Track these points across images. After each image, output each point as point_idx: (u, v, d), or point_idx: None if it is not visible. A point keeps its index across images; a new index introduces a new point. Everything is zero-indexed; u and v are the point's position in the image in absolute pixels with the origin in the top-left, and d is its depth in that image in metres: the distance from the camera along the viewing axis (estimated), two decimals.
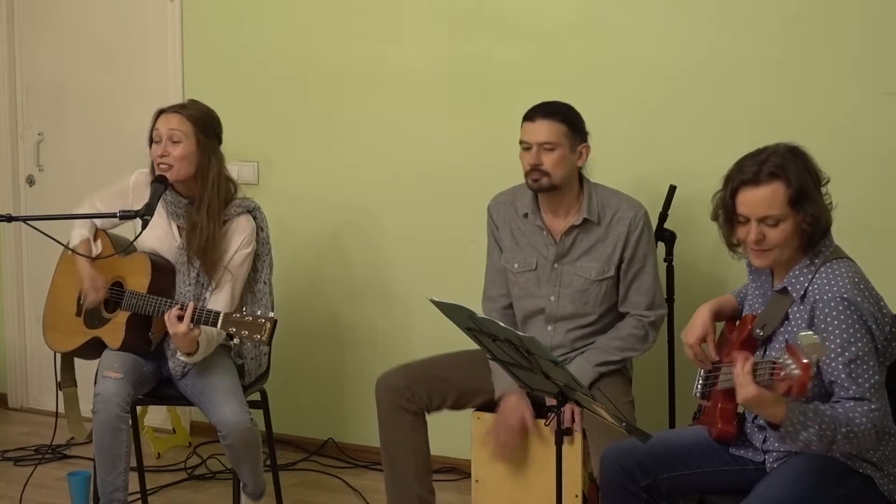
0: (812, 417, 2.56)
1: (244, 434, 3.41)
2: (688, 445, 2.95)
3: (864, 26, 3.70)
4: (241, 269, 3.58)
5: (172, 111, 3.54)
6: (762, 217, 2.72)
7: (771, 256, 2.77)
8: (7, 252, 5.28)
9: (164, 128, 3.50)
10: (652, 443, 2.84)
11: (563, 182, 3.45)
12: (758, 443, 2.89)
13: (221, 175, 3.56)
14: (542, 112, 3.44)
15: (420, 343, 4.27)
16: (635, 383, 3.61)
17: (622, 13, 4.03)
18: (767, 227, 2.73)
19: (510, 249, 3.60)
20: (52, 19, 5.10)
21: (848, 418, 2.59)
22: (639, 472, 2.90)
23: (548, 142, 3.41)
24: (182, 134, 3.49)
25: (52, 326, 3.74)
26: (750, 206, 2.74)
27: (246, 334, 3.28)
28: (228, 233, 3.56)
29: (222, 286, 3.54)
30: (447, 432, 3.95)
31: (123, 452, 3.41)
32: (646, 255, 3.47)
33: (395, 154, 4.47)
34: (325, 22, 4.55)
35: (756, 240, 2.74)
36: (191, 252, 3.51)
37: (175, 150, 3.49)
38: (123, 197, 3.59)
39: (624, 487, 2.92)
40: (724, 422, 2.89)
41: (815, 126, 3.74)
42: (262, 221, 3.66)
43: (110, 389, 3.39)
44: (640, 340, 3.49)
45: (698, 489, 2.97)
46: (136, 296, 3.48)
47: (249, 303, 3.61)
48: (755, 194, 2.73)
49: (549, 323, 3.54)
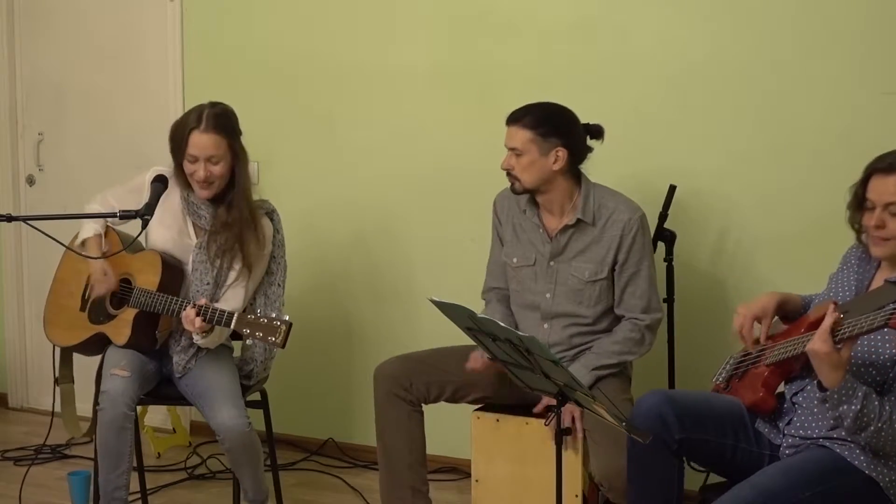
0: (860, 398, 2.61)
1: (242, 438, 3.39)
2: (723, 413, 2.96)
3: (864, 26, 3.70)
4: (258, 269, 3.58)
5: (206, 132, 3.46)
6: (887, 203, 2.77)
7: (890, 247, 2.80)
8: (7, 252, 5.29)
9: (201, 153, 3.46)
10: (692, 399, 2.89)
11: (539, 186, 3.45)
12: (781, 423, 2.91)
13: (248, 176, 3.57)
14: (511, 117, 3.46)
15: (420, 342, 4.26)
16: (635, 383, 3.61)
17: (622, 13, 4.04)
18: (890, 215, 2.77)
19: (511, 244, 3.61)
20: (52, 19, 5.10)
21: (891, 419, 2.63)
22: (677, 425, 2.88)
23: (514, 147, 3.44)
24: (220, 156, 3.48)
25: (54, 321, 3.72)
26: (878, 192, 2.79)
27: (260, 336, 3.27)
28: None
29: (237, 284, 3.54)
30: (447, 432, 3.95)
31: (127, 451, 3.41)
32: (640, 259, 3.46)
33: (395, 154, 4.47)
34: (326, 22, 4.55)
35: (876, 225, 2.78)
36: (211, 252, 3.51)
37: (216, 169, 3.48)
38: (139, 194, 3.56)
39: (658, 436, 2.87)
40: (766, 391, 2.92)
41: (815, 126, 3.75)
42: (279, 224, 3.67)
43: (118, 388, 3.39)
44: (637, 344, 3.49)
45: (717, 460, 2.97)
46: (146, 293, 3.47)
47: (262, 305, 3.61)
48: (885, 182, 2.78)
49: (546, 320, 3.54)
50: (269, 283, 3.64)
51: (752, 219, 3.88)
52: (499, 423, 3.50)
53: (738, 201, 3.90)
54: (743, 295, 3.72)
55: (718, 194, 3.93)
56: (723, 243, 3.94)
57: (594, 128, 3.53)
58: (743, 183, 3.89)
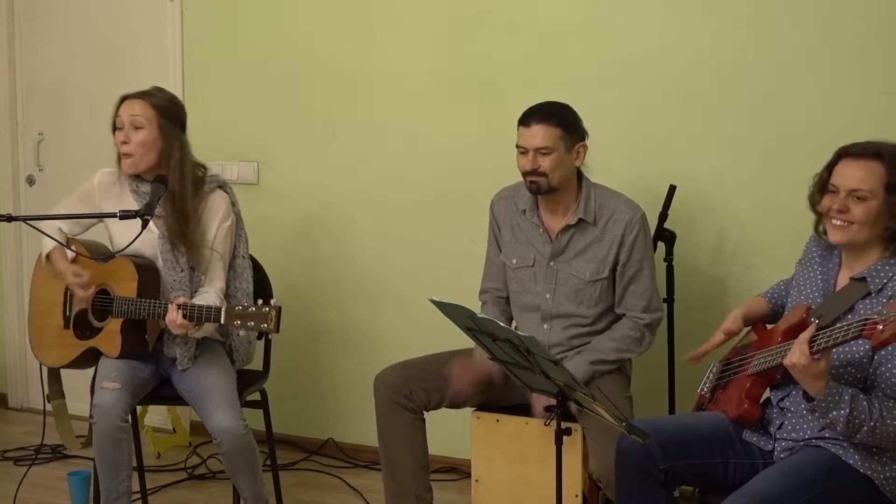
0: (847, 401, 2.61)
1: (238, 441, 3.37)
2: (707, 433, 2.95)
3: (864, 26, 3.70)
4: (227, 243, 3.56)
5: (135, 97, 3.49)
6: (852, 189, 2.74)
7: (850, 232, 2.76)
8: (7, 252, 5.29)
9: (126, 114, 3.47)
10: (675, 426, 2.88)
11: (562, 183, 3.45)
12: (773, 428, 2.90)
13: (186, 160, 3.50)
14: (537, 116, 3.42)
15: (420, 342, 4.26)
16: (635, 382, 3.61)
17: (622, 13, 4.04)
18: (854, 200, 2.73)
19: (509, 245, 3.60)
20: (52, 19, 5.10)
21: (881, 416, 2.63)
22: (660, 455, 2.89)
23: (544, 146, 3.40)
24: (144, 120, 3.45)
25: (42, 343, 3.66)
26: (844, 176, 2.76)
27: (252, 325, 3.24)
28: (207, 212, 3.51)
29: (214, 266, 3.51)
30: (447, 432, 3.95)
31: (125, 460, 3.39)
32: (642, 258, 3.46)
33: (395, 154, 4.47)
34: (326, 22, 4.55)
35: (839, 209, 2.75)
36: (174, 239, 3.46)
37: (137, 136, 3.45)
38: (89, 199, 3.56)
39: (643, 468, 2.89)
40: (750, 403, 2.91)
41: (815, 126, 3.75)
42: (233, 195, 3.62)
43: (108, 401, 3.35)
44: (636, 342, 3.48)
45: (709, 480, 2.96)
46: (127, 301, 3.43)
47: (231, 279, 3.58)
48: (853, 165, 2.75)
49: (545, 321, 3.54)
50: (233, 255, 3.61)
51: (752, 219, 3.89)
52: (499, 423, 3.50)
53: (738, 201, 3.90)
54: (743, 295, 3.72)
55: (718, 194, 3.93)
56: (723, 243, 3.94)
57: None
58: (743, 183, 3.89)
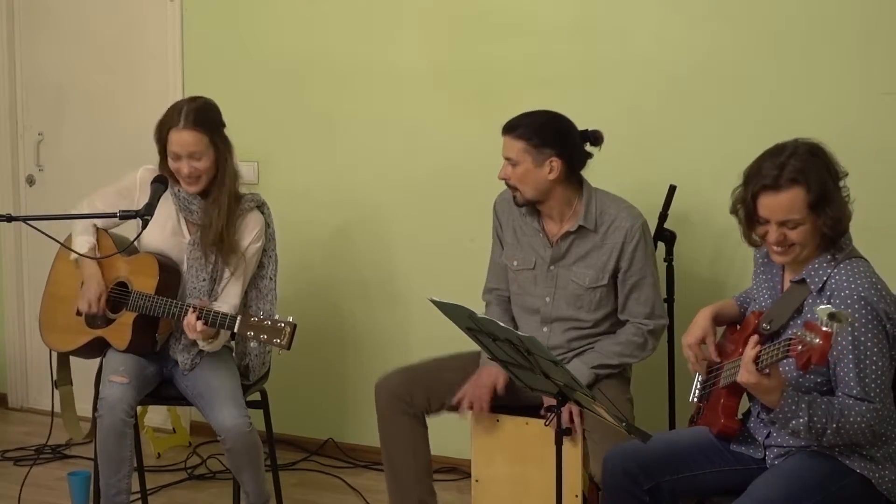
0: (804, 409, 2.62)
1: (243, 438, 3.39)
2: (690, 447, 2.96)
3: (864, 26, 3.70)
4: (251, 264, 3.58)
5: (185, 128, 3.45)
6: (782, 221, 2.74)
7: (792, 254, 2.79)
8: (7, 252, 5.28)
9: (182, 150, 3.46)
10: (655, 445, 2.86)
11: (538, 196, 3.44)
12: (760, 437, 2.90)
13: (232, 168, 3.55)
14: (507, 126, 3.44)
15: (420, 342, 4.27)
16: (635, 385, 3.61)
17: (622, 13, 4.04)
18: (788, 229, 2.75)
19: (511, 246, 3.60)
20: (52, 19, 5.10)
21: (842, 415, 2.63)
22: (642, 476, 2.91)
23: (508, 158, 3.42)
24: (202, 151, 3.47)
25: (51, 326, 3.70)
26: (771, 210, 2.75)
27: (265, 338, 3.25)
28: (241, 228, 3.54)
29: (233, 280, 3.53)
30: (447, 432, 3.94)
31: (127, 456, 3.40)
32: (643, 266, 3.45)
33: (395, 154, 4.47)
34: (326, 22, 4.55)
35: (777, 241, 2.76)
36: (206, 247, 3.49)
37: (200, 164, 3.47)
38: (128, 195, 3.57)
39: (628, 491, 2.92)
40: (726, 417, 2.90)
41: (815, 126, 3.71)
42: (269, 217, 3.66)
43: (116, 395, 3.37)
44: (639, 348, 3.48)
45: (701, 491, 2.97)
46: (144, 297, 3.45)
47: (254, 299, 3.61)
48: (776, 200, 2.74)
49: (545, 323, 3.54)
50: (260, 276, 3.63)
51: None
52: (499, 423, 3.50)
53: None
54: None
55: (718, 195, 3.91)
56: (723, 243, 3.94)
57: (593, 134, 3.48)
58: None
